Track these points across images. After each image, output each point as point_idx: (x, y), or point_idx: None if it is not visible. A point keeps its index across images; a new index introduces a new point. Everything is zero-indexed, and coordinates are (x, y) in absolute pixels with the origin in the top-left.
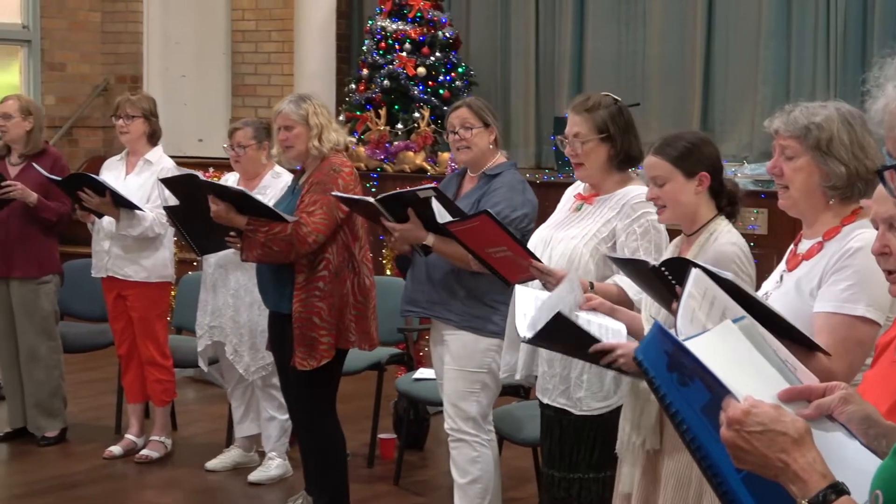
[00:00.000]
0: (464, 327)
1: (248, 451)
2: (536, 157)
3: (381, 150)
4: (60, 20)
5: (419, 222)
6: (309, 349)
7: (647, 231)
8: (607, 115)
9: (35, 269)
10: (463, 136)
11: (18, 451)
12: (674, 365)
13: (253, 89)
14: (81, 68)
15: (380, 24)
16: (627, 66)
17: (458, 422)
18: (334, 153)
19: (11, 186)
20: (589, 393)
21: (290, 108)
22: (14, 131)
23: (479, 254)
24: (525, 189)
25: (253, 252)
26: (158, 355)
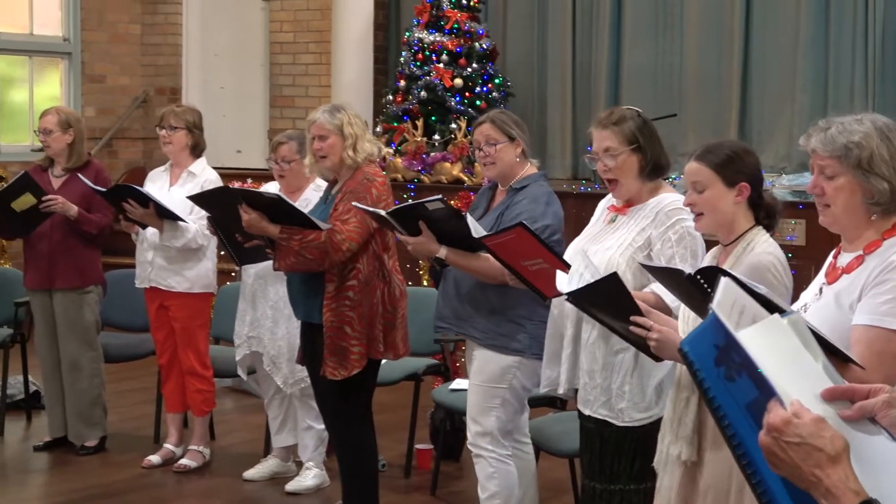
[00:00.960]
0: (487, 345)
1: (286, 461)
2: (573, 168)
3: (418, 161)
4: (101, 33)
5: (431, 235)
6: (340, 359)
7: (683, 237)
8: (634, 127)
9: (78, 280)
10: (487, 152)
11: (58, 460)
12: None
13: (291, 100)
14: (121, 80)
15: (417, 36)
16: (664, 77)
17: (475, 437)
18: (368, 163)
19: (52, 200)
20: (631, 404)
21: (324, 117)
22: (56, 145)
23: (515, 267)
24: (550, 201)
25: (286, 260)
26: (199, 365)
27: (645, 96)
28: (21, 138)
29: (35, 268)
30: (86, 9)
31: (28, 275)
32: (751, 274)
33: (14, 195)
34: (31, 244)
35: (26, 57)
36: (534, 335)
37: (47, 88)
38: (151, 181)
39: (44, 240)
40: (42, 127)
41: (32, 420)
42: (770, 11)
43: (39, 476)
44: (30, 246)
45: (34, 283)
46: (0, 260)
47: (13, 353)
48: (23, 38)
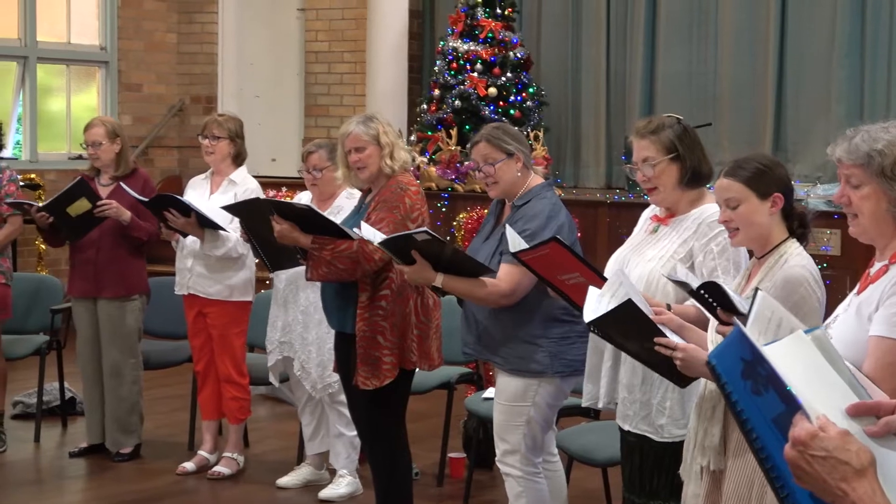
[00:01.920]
0: (507, 370)
1: (319, 468)
2: (607, 177)
3: (452, 169)
4: (137, 41)
5: (426, 263)
6: (372, 368)
7: (725, 249)
8: (673, 135)
9: (123, 289)
10: (487, 172)
11: (94, 467)
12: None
13: (325, 109)
14: (157, 89)
15: (451, 45)
16: (699, 86)
17: (504, 456)
18: (402, 172)
19: (107, 205)
20: (671, 420)
21: (359, 129)
22: (105, 157)
23: (552, 281)
24: (553, 213)
25: (319, 270)
26: (236, 373)
27: (679, 104)
28: (58, 146)
29: (81, 276)
30: (123, 18)
31: (73, 282)
32: (783, 286)
33: (70, 200)
34: (78, 252)
35: (64, 66)
36: (553, 353)
37: (84, 97)
38: (192, 188)
39: (91, 248)
40: (90, 140)
41: (68, 426)
42: (805, 19)
43: (75, 482)
44: (76, 253)
45: (80, 291)
46: (38, 267)
47: (49, 359)
48: (61, 48)
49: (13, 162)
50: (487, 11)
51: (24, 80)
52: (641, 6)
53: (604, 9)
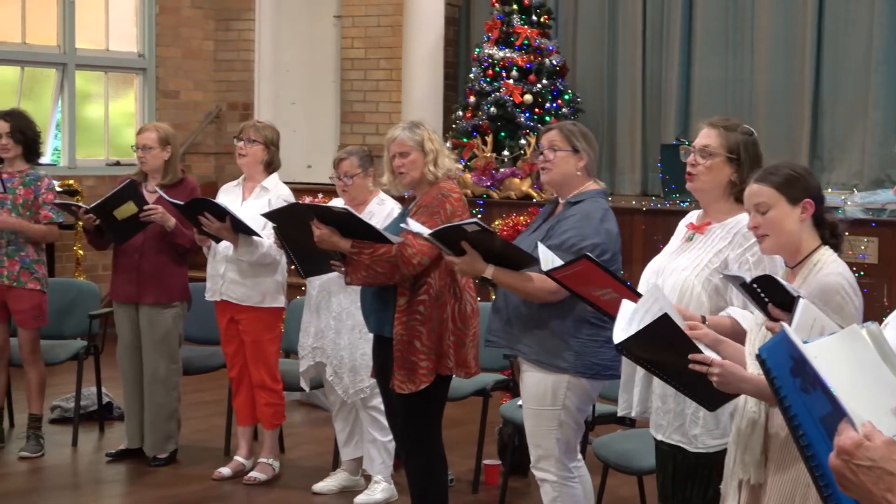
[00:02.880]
0: (533, 360)
1: (355, 474)
2: (642, 184)
3: (488, 176)
4: (175, 49)
5: (476, 255)
6: (408, 373)
7: (761, 260)
8: (742, 140)
9: (165, 297)
10: (547, 157)
11: (130, 471)
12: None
13: (361, 116)
14: (194, 95)
15: (487, 52)
16: (735, 93)
17: (539, 461)
18: (446, 179)
19: (153, 209)
20: (705, 430)
21: (405, 134)
22: (152, 162)
23: (587, 297)
24: (604, 218)
25: (358, 274)
26: (269, 379)
27: (715, 112)
28: (97, 153)
29: (124, 281)
30: (160, 25)
31: (116, 287)
32: (819, 295)
33: (118, 203)
34: (121, 257)
35: (102, 73)
36: (580, 353)
37: (122, 104)
38: (224, 193)
39: (134, 253)
40: (141, 143)
41: (105, 431)
42: (842, 26)
43: (111, 487)
44: (119, 258)
45: (122, 296)
46: (75, 273)
47: (87, 364)
48: (99, 55)
49: (52, 168)
50: (523, 18)
51: (63, 86)
52: (678, 13)
53: (640, 16)
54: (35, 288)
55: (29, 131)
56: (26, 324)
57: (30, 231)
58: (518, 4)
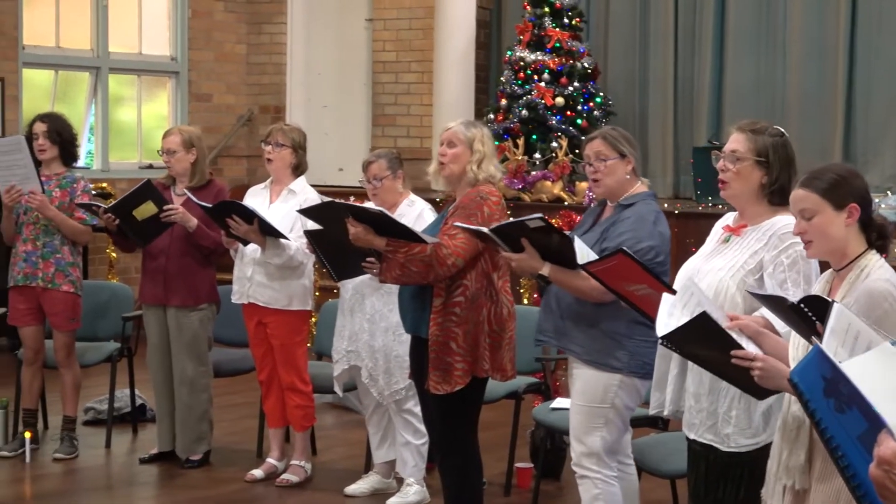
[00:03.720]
0: (585, 360)
1: (387, 476)
2: (674, 186)
3: (519, 179)
4: (207, 52)
5: (535, 252)
6: (444, 374)
7: (796, 262)
8: (770, 142)
9: (192, 299)
10: (597, 167)
11: (163, 473)
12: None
13: (393, 119)
14: (227, 99)
15: (518, 55)
16: (767, 96)
17: (580, 458)
18: (486, 183)
19: (173, 210)
20: (737, 429)
21: (459, 128)
22: (178, 166)
23: (621, 292)
24: (657, 221)
25: (391, 273)
26: (298, 381)
27: (747, 114)
28: (129, 156)
29: (151, 283)
30: (193, 29)
31: (144, 290)
32: (866, 301)
33: (136, 202)
34: (149, 259)
35: (135, 76)
36: (633, 353)
37: (155, 107)
38: (252, 196)
39: (161, 256)
40: (165, 147)
41: (138, 433)
42: (875, 27)
43: (144, 489)
44: (147, 261)
45: (150, 299)
46: (108, 275)
47: (120, 366)
48: (132, 58)
49: (85, 171)
50: (555, 21)
51: (97, 90)
52: (710, 15)
53: (672, 18)
54: (69, 290)
55: (65, 133)
56: (60, 326)
57: (65, 225)
58: (549, 7)
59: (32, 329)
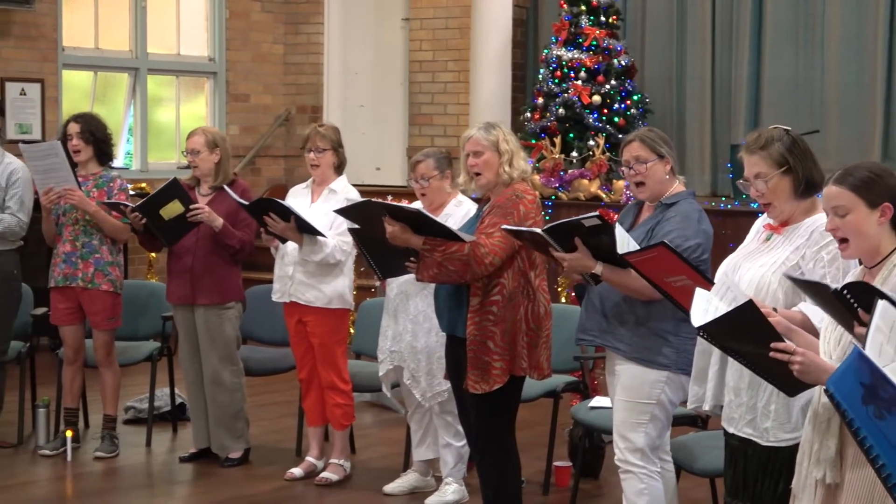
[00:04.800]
0: (632, 358)
1: (426, 475)
2: (712, 184)
3: (556, 178)
4: (245, 53)
5: (587, 251)
6: (482, 373)
7: (836, 258)
8: (783, 148)
9: (219, 297)
10: (637, 170)
11: (203, 472)
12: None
13: (429, 118)
14: (264, 99)
15: (555, 53)
16: (806, 92)
17: (625, 453)
18: (520, 181)
19: (200, 209)
20: (776, 424)
21: (480, 134)
22: (203, 166)
23: (658, 283)
24: (701, 219)
25: (429, 271)
26: (338, 380)
27: (785, 111)
28: (168, 156)
29: (178, 282)
30: (231, 29)
31: (171, 289)
32: None
33: (163, 202)
34: (175, 258)
35: (173, 77)
36: (679, 349)
37: (193, 107)
38: (293, 196)
39: (187, 255)
40: (189, 148)
41: (178, 431)
42: None
43: (185, 487)
44: (174, 260)
45: (176, 298)
46: (147, 275)
47: (160, 365)
48: (170, 59)
49: (124, 171)
50: (591, 19)
51: (135, 91)
52: (747, 12)
53: (709, 15)
54: (108, 290)
55: (99, 133)
56: (100, 325)
57: (105, 222)
58: (586, 5)
59: (73, 328)
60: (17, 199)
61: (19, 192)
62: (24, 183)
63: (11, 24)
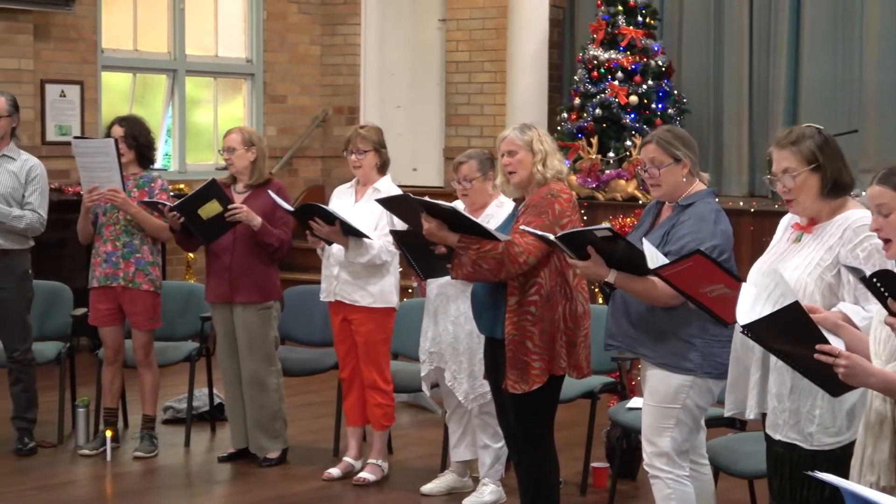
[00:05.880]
0: (657, 364)
1: (463, 475)
2: (750, 185)
3: (593, 178)
4: (282, 54)
5: (600, 259)
6: (521, 373)
7: (871, 255)
8: (814, 145)
9: (257, 296)
10: (653, 174)
11: (241, 472)
12: None
13: (466, 119)
14: (301, 100)
15: (592, 54)
16: (844, 92)
17: (651, 458)
18: (556, 180)
19: (238, 209)
20: (820, 428)
21: (514, 134)
22: (239, 163)
23: (693, 295)
24: (718, 219)
25: (463, 269)
26: (381, 380)
27: (823, 111)
28: (206, 157)
29: (216, 281)
30: (268, 31)
31: (209, 288)
32: None
33: (201, 201)
34: (214, 258)
35: (211, 78)
36: (705, 353)
37: (231, 108)
38: (338, 196)
39: (226, 254)
40: (226, 145)
41: (216, 431)
42: None
43: (223, 487)
44: (212, 259)
45: (215, 297)
46: (185, 275)
47: (199, 365)
48: (208, 61)
49: (162, 172)
50: (628, 19)
51: (174, 92)
52: (785, 12)
53: (746, 15)
54: (149, 290)
55: (142, 137)
56: (140, 325)
57: (147, 222)
58: (623, 5)
59: (112, 329)
60: (38, 195)
61: (39, 188)
62: (42, 179)
63: (51, 26)
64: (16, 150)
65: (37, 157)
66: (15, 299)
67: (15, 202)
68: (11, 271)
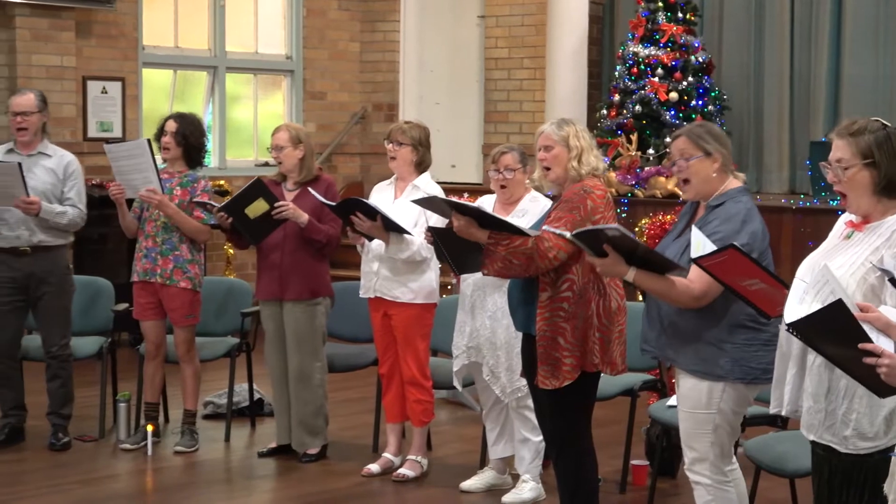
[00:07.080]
0: (688, 370)
1: (502, 472)
2: (790, 182)
3: (633, 175)
4: (321, 51)
5: (618, 257)
6: (552, 368)
7: None
8: (873, 140)
9: (307, 293)
10: (681, 167)
11: (281, 467)
12: None
13: (505, 116)
14: (340, 97)
15: (632, 50)
16: (886, 89)
17: (692, 464)
18: (591, 177)
19: (284, 206)
20: (856, 432)
21: (551, 129)
22: (288, 161)
23: (735, 287)
24: (748, 218)
25: (493, 266)
26: (420, 375)
27: (865, 108)
28: (246, 154)
29: (267, 279)
30: (308, 28)
31: (260, 285)
32: None
33: (248, 201)
34: (264, 255)
35: (251, 75)
36: (736, 359)
37: (270, 105)
38: (377, 192)
39: (276, 251)
40: (274, 144)
41: (256, 427)
42: None
43: (263, 482)
44: (262, 257)
45: (266, 294)
46: (225, 271)
47: (239, 361)
48: (248, 57)
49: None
50: (669, 15)
51: (214, 89)
52: (826, 7)
53: (787, 11)
54: (186, 287)
55: (192, 138)
56: (178, 322)
57: (185, 223)
58: (663, 2)
59: (153, 324)
60: (77, 190)
61: (77, 184)
62: (79, 174)
63: (93, 23)
64: (50, 146)
65: (78, 153)
66: (57, 294)
67: (55, 198)
68: (53, 266)
